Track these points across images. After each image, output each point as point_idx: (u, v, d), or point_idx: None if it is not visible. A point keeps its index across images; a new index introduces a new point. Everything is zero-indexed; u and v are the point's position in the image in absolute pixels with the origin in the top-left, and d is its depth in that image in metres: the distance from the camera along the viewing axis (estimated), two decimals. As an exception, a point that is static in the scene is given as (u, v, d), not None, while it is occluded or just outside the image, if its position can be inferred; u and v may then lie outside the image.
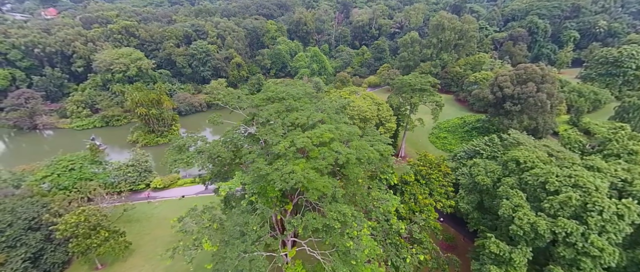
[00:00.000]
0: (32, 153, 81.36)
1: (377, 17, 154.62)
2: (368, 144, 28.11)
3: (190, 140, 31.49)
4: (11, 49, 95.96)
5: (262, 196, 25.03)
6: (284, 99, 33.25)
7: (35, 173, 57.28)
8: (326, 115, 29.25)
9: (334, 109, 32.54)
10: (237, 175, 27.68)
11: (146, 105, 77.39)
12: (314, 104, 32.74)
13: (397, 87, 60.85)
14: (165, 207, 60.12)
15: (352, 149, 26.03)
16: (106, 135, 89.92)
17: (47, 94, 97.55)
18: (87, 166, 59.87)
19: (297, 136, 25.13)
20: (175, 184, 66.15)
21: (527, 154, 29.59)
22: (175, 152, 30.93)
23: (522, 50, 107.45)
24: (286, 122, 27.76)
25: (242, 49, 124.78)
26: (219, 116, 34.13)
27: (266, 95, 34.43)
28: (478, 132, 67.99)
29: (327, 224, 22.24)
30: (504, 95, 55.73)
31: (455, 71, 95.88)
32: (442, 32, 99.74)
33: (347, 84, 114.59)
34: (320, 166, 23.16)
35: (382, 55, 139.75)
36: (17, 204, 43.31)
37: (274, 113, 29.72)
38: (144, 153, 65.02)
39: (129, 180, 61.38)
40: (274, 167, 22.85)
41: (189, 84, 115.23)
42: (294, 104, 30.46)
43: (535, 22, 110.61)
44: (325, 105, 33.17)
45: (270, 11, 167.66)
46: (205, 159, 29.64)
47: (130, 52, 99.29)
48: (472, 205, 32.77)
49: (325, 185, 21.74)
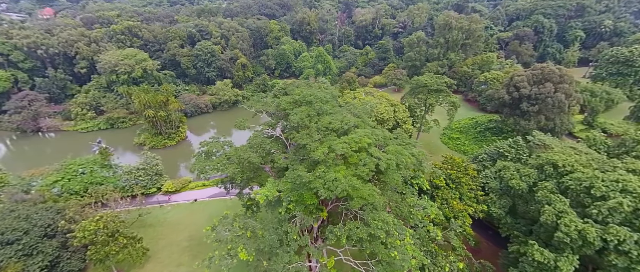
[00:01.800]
0: (38, 157, 79.86)
1: (380, 17, 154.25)
2: (403, 148, 27.47)
3: (217, 146, 30.65)
4: (14, 51, 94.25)
5: (299, 203, 24.33)
6: (312, 103, 32.54)
7: (46, 178, 56.08)
8: (360, 120, 28.56)
9: (367, 112, 31.87)
10: (270, 182, 26.97)
11: (154, 107, 76.26)
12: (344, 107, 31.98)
13: (412, 88, 60.30)
14: (178, 211, 59.20)
15: (390, 154, 25.38)
16: (111, 137, 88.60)
17: (51, 96, 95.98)
18: (97, 170, 58.76)
19: (335, 142, 24.45)
20: (187, 188, 65.21)
21: (565, 157, 29.14)
22: (204, 159, 30.10)
23: (529, 50, 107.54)
24: (320, 127, 27.01)
25: (247, 49, 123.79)
26: (245, 121, 33.31)
27: (293, 98, 33.66)
28: (491, 133, 67.69)
29: (372, 234, 21.59)
30: (521, 96, 55.43)
31: (463, 71, 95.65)
32: (449, 32, 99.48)
33: (353, 84, 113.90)
34: (362, 173, 22.50)
35: (386, 56, 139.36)
36: (32, 211, 42.24)
37: (305, 117, 29.00)
38: (154, 156, 63.94)
39: (140, 184, 60.30)
40: (315, 175, 22.15)
41: (194, 85, 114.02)
42: (324, 108, 29.74)
43: (541, 22, 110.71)
44: (356, 108, 32.45)
45: (273, 11, 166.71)
46: (235, 166, 28.83)
47: (135, 53, 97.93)
48: (504, 210, 32.28)
49: (371, 193, 21.11)
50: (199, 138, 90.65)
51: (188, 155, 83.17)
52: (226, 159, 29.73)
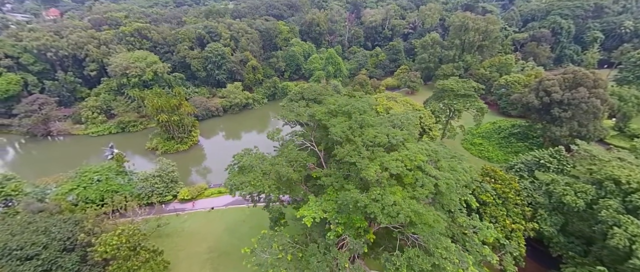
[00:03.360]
0: (49, 162, 78.49)
1: (390, 17, 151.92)
2: (456, 163, 25.47)
3: (251, 158, 28.78)
4: (23, 53, 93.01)
5: (348, 226, 22.41)
6: (350, 113, 30.65)
7: (60, 185, 54.62)
8: (406, 132, 26.62)
9: (412, 123, 29.92)
10: (312, 200, 25.08)
11: (167, 111, 74.68)
12: (384, 118, 30.02)
13: (435, 92, 58.23)
14: (195, 220, 57.54)
15: (444, 171, 23.39)
16: (122, 141, 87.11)
17: (60, 99, 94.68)
18: (112, 177, 57.21)
19: (385, 159, 22.51)
20: (203, 195, 63.55)
21: (628, 172, 27.08)
22: (237, 173, 28.25)
23: (546, 52, 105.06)
24: (366, 141, 25.07)
25: (257, 51, 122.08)
26: (278, 131, 31.43)
27: (328, 108, 31.79)
28: (516, 139, 65.51)
29: (436, 264, 19.64)
30: (552, 101, 53.26)
31: (480, 73, 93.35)
32: (465, 33, 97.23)
33: (365, 87, 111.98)
34: (420, 195, 20.54)
35: (397, 57, 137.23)
36: (49, 222, 40.68)
37: (347, 129, 27.07)
38: (169, 163, 62.32)
39: (156, 191, 58.71)
40: (371, 197, 20.21)
41: (204, 87, 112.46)
42: (366, 119, 27.81)
43: (558, 23, 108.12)
44: (399, 119, 30.50)
45: (280, 12, 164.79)
46: (272, 182, 26.98)
47: (145, 55, 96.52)
48: (556, 228, 30.26)
49: (436, 219, 19.15)
50: (211, 142, 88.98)
51: (201, 159, 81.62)
52: (262, 175, 27.84)
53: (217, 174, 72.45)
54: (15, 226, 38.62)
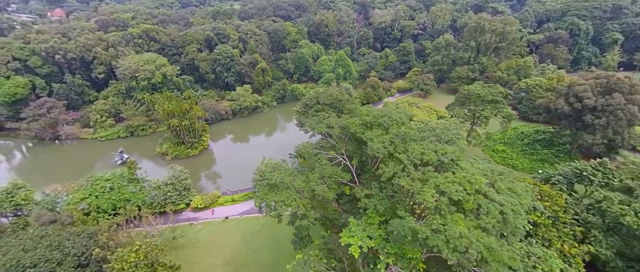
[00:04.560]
0: (58, 167, 76.96)
1: (399, 18, 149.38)
2: (513, 184, 23.15)
3: (282, 174, 26.63)
4: (31, 56, 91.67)
5: (400, 257, 20.17)
6: (386, 125, 28.44)
7: (71, 193, 52.88)
8: (457, 149, 24.37)
9: (459, 136, 27.68)
10: (353, 224, 22.89)
11: (178, 116, 72.84)
12: (425, 130, 27.76)
13: (458, 97, 55.87)
14: (210, 229, 55.60)
15: (504, 193, 21.08)
16: (132, 146, 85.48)
17: (69, 103, 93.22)
18: (125, 185, 55.40)
19: (441, 181, 20.26)
20: (216, 203, 61.60)
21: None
22: (268, 190, 26.13)
23: (564, 54, 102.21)
24: (412, 159, 22.81)
25: (266, 53, 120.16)
26: (308, 145, 29.23)
27: (362, 120, 29.59)
28: (541, 146, 62.93)
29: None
30: (583, 107, 50.74)
31: (497, 76, 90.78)
32: (481, 34, 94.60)
33: (377, 89, 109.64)
34: (487, 224, 18.29)
35: (407, 58, 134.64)
36: (63, 236, 38.86)
37: (388, 145, 24.84)
38: (182, 170, 60.43)
39: (169, 200, 56.84)
40: (431, 227, 17.96)
41: (212, 90, 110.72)
42: (409, 133, 25.56)
43: (576, 24, 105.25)
44: (444, 133, 28.25)
45: (288, 12, 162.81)
46: (307, 201, 24.83)
47: (154, 58, 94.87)
48: (612, 251, 27.88)
49: (512, 257, 16.87)
50: (221, 146, 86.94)
51: (212, 165, 79.67)
52: (295, 192, 25.70)
53: (228, 180, 70.53)
54: (27, 241, 36.83)
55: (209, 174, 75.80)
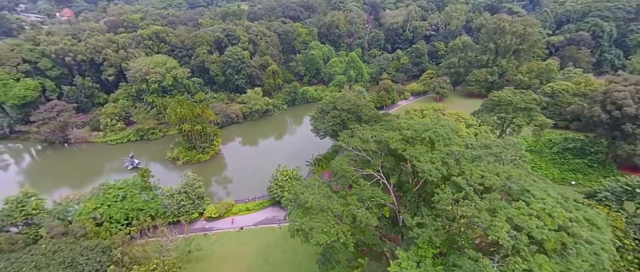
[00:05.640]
0: (67, 171, 75.56)
1: (411, 18, 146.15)
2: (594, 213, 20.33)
3: (318, 195, 24.11)
4: (41, 58, 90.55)
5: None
6: (431, 141, 25.76)
7: (83, 202, 51.01)
8: (523, 172, 21.63)
9: (520, 155, 24.92)
10: (403, 258, 20.28)
11: (190, 120, 70.84)
12: (479, 147, 25.06)
13: (485, 103, 52.89)
14: (224, 241, 53.40)
15: (582, 226, 18.28)
16: (142, 150, 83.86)
17: (78, 105, 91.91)
18: (137, 193, 53.43)
19: (513, 213, 17.53)
20: (229, 212, 59.40)
21: None
22: (302, 214, 23.64)
23: (587, 56, 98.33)
24: (473, 184, 20.10)
25: (277, 55, 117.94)
26: (344, 162, 26.67)
27: (402, 134, 26.87)
28: (572, 154, 59.66)
29: None
30: (623, 115, 47.55)
31: (518, 80, 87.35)
32: (501, 36, 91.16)
33: (391, 92, 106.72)
34: (580, 269, 15.52)
35: (420, 60, 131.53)
36: (76, 250, 36.89)
37: (440, 166, 22.16)
38: (195, 177, 58.34)
39: (183, 209, 54.78)
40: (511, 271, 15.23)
41: (222, 92, 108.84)
42: (464, 153, 22.84)
43: (599, 25, 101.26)
44: (504, 152, 25.50)
45: (297, 13, 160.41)
46: (347, 227, 22.28)
47: (165, 60, 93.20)
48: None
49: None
50: (233, 150, 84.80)
51: (224, 171, 77.53)
52: (333, 217, 23.13)
53: (241, 187, 68.37)
54: (39, 257, 34.90)
55: (221, 181, 73.75)
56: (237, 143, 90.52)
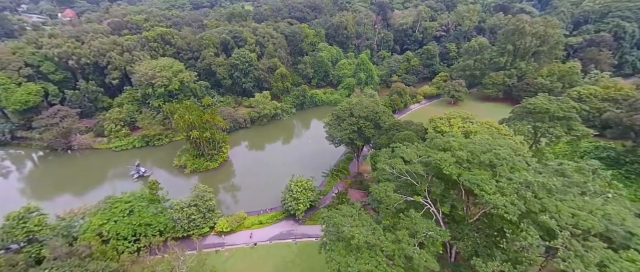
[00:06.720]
0: (70, 180, 72.51)
1: (421, 19, 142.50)
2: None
3: (362, 228, 20.76)
4: (44, 61, 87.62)
5: None
6: (493, 165, 22.32)
7: (88, 217, 47.90)
8: (621, 208, 18.15)
9: (606, 181, 21.43)
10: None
11: (198, 127, 67.65)
12: (550, 173, 21.62)
13: (516, 110, 49.36)
14: (238, 258, 50.17)
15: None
16: (147, 157, 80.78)
17: (82, 110, 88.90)
18: (145, 207, 50.22)
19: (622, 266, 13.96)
20: (242, 226, 56.12)
21: None
22: (344, 250, 20.27)
23: (609, 58, 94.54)
24: (564, 225, 16.69)
25: (285, 57, 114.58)
26: (390, 187, 23.25)
27: (455, 156, 23.41)
28: (606, 165, 55.90)
29: None
30: (669, 126, 44.22)
31: (539, 83, 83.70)
32: (520, 37, 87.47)
33: (403, 96, 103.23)
34: None
35: (431, 62, 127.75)
36: (81, 277, 33.69)
37: (516, 200, 18.76)
38: (206, 188, 55.14)
39: (193, 223, 51.57)
40: None
41: (229, 96, 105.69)
42: (545, 183, 19.40)
43: (622, 26, 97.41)
44: (588, 181, 22.01)
45: (303, 14, 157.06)
46: (399, 269, 18.88)
47: (171, 63, 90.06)
48: None
49: None
50: (241, 157, 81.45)
51: (232, 179, 74.26)
52: (383, 257, 19.73)
53: (252, 198, 65.13)
54: (42, 285, 31.66)
55: (230, 190, 70.43)
56: (245, 149, 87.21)
